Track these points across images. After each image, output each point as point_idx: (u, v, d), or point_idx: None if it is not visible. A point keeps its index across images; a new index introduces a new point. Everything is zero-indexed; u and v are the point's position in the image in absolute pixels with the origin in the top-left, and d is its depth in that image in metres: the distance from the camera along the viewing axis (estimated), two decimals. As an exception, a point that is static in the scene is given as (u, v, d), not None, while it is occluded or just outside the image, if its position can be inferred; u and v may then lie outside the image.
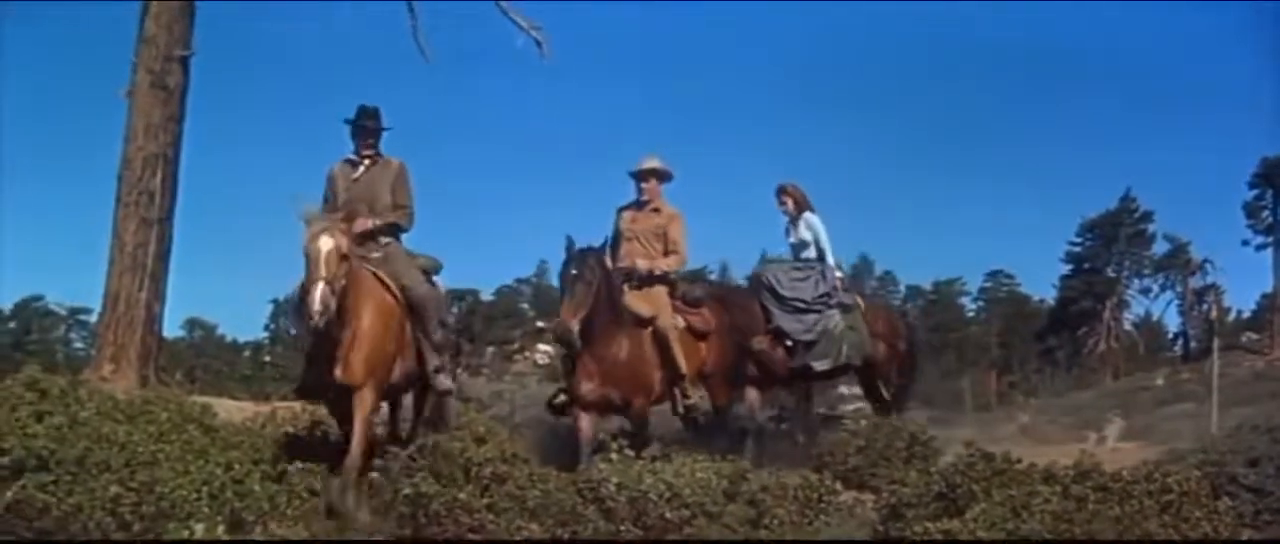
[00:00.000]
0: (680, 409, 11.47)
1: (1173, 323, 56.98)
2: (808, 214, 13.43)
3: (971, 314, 66.56)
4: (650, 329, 11.20)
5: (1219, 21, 72.78)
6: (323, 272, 9.01)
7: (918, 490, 8.68)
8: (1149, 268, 55.80)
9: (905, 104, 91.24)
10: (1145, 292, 56.35)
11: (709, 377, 11.80)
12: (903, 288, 67.09)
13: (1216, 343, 32.40)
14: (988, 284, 66.02)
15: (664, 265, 11.55)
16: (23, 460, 8.15)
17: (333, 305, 8.95)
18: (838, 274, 13.51)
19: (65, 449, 8.33)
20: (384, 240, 10.17)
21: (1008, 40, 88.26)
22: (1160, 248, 54.98)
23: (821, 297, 13.10)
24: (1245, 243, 48.75)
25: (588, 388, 10.83)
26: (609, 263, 11.04)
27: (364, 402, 9.35)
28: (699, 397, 11.50)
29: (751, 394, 12.69)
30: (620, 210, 11.85)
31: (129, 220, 14.78)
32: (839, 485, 9.86)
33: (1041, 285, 67.94)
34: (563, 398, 11.14)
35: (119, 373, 13.88)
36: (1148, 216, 55.09)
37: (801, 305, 12.99)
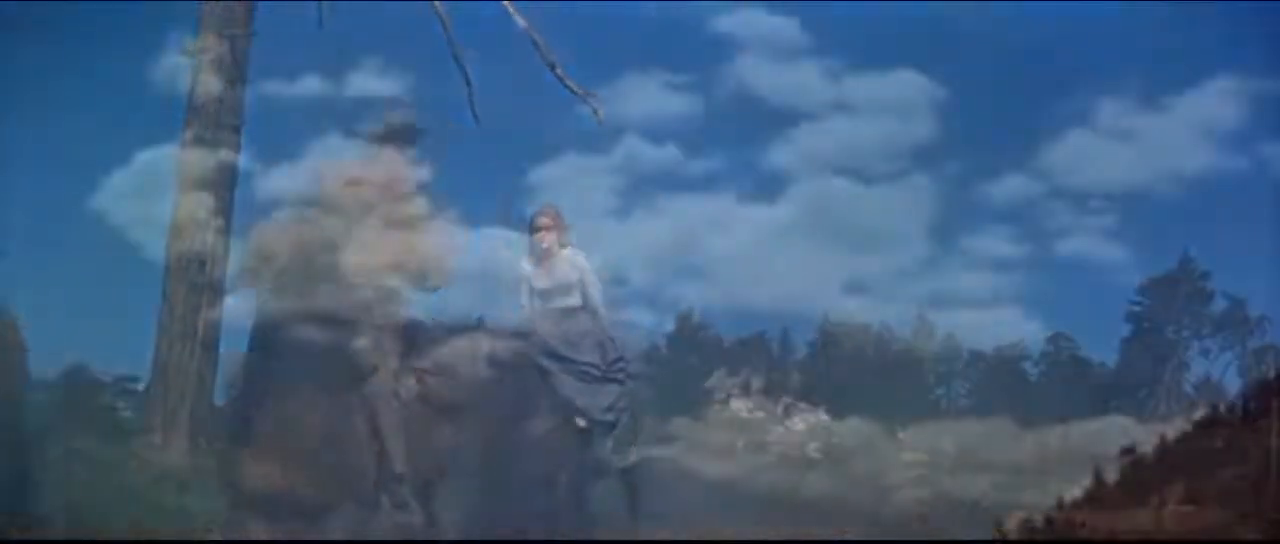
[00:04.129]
0: (388, 523, 7.46)
1: (1233, 384, 56.29)
2: (571, 250, 9.66)
3: (1033, 379, 66.06)
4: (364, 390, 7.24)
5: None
6: None
7: (981, 558, 8.64)
8: (1208, 328, 55.26)
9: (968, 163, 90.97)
10: (1205, 353, 55.78)
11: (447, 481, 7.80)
12: (965, 353, 66.79)
13: (1275, 403, 32.13)
14: (1049, 349, 65.56)
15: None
16: (74, 532, 8.14)
17: None
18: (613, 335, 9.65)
19: (116, 519, 8.31)
20: None
21: (1067, 102, 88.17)
22: (1218, 304, 54.49)
23: (617, 363, 9.35)
24: (1303, 301, 48.35)
25: (261, 477, 7.08)
26: None
27: None
28: (412, 513, 7.37)
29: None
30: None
31: (179, 287, 14.79)
32: (900, 554, 9.74)
33: (1102, 348, 67.44)
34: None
35: (169, 443, 13.83)
36: (1207, 275, 54.62)
37: (595, 373, 9.18)
